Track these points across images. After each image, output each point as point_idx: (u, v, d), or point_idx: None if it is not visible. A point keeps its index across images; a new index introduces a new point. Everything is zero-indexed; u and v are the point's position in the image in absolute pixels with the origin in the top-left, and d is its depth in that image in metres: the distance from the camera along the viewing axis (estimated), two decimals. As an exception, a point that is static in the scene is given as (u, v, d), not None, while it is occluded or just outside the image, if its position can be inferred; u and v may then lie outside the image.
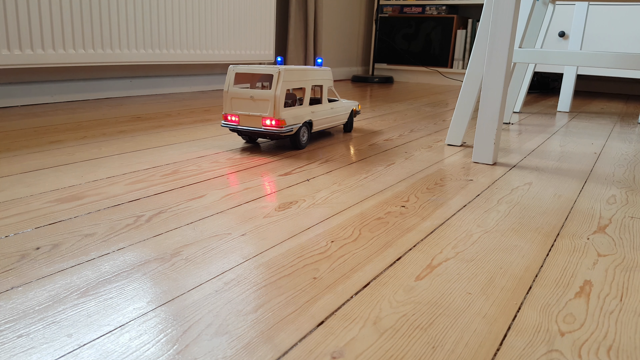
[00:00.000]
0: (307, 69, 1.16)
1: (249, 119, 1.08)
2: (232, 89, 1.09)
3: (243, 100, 1.08)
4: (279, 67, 1.08)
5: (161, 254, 0.59)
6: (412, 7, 3.16)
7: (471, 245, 0.65)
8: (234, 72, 1.10)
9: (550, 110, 2.10)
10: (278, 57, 1.24)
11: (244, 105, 1.08)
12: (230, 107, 1.10)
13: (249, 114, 1.08)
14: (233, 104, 1.09)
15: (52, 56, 1.52)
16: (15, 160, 0.96)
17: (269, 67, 1.08)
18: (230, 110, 1.11)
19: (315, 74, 1.20)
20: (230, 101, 1.10)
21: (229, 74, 1.11)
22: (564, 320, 0.48)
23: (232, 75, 1.10)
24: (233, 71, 1.10)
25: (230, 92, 1.10)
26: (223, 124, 1.12)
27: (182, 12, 1.90)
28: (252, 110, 1.08)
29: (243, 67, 1.10)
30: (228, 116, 1.11)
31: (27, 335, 0.42)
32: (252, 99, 1.07)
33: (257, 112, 1.07)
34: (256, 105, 1.07)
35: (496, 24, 1.04)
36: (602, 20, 2.53)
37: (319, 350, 0.42)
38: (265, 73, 1.09)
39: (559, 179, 1.00)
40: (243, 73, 1.13)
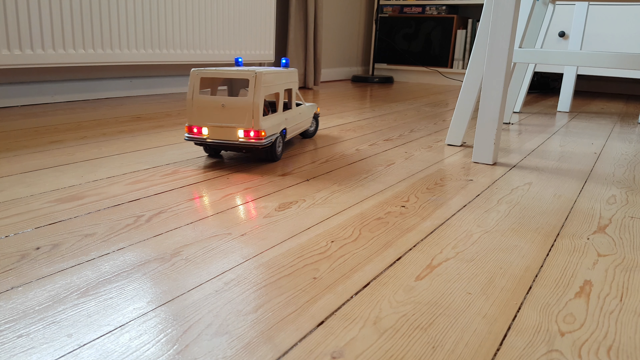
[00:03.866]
0: (280, 71, 1.05)
1: (221, 131, 0.94)
2: (199, 97, 0.95)
3: (212, 110, 0.94)
4: (255, 69, 0.96)
5: (161, 254, 0.59)
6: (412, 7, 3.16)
7: (471, 245, 0.65)
8: (199, 76, 0.95)
9: (550, 110, 2.10)
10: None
11: (213, 115, 0.94)
12: (196, 117, 0.95)
13: (221, 125, 0.94)
14: (200, 114, 0.95)
15: (52, 56, 1.52)
16: (16, 160, 0.96)
17: (241, 70, 0.95)
18: (197, 122, 0.95)
19: (287, 77, 1.09)
20: (196, 111, 0.94)
21: (192, 79, 0.95)
22: (564, 320, 0.48)
23: (196, 81, 0.95)
24: (197, 75, 0.95)
25: (196, 100, 0.95)
26: (187, 137, 0.96)
27: (182, 12, 1.90)
28: (224, 120, 0.93)
29: (210, 70, 0.95)
30: (193, 128, 0.95)
31: (27, 335, 0.42)
32: (223, 107, 0.93)
33: (231, 123, 0.93)
34: (229, 114, 0.93)
35: (496, 24, 1.04)
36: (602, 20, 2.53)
37: (319, 350, 0.42)
38: (239, 77, 0.95)
39: (559, 179, 1.00)
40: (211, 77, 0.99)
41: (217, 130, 0.95)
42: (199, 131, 0.95)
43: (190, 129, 0.96)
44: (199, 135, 0.96)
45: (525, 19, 1.49)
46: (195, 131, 0.95)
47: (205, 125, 0.94)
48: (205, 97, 0.94)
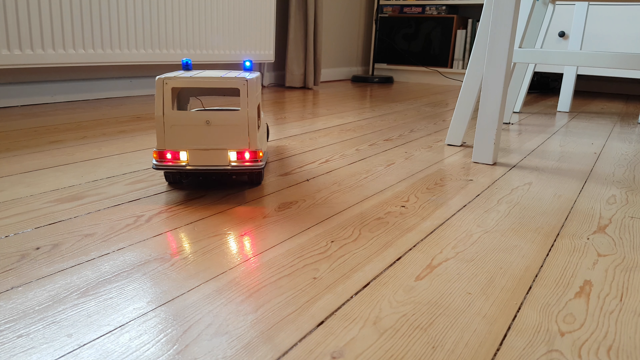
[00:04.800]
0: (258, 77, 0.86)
1: (205, 155, 0.76)
2: (173, 113, 0.75)
3: (193, 129, 0.75)
4: (245, 75, 0.78)
5: (161, 254, 0.59)
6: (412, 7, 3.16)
7: (471, 245, 0.65)
8: (168, 86, 0.75)
9: (550, 110, 2.10)
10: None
11: (194, 136, 0.75)
12: (170, 140, 0.75)
13: (206, 148, 0.76)
14: (176, 136, 0.75)
15: (52, 56, 1.52)
16: (15, 160, 0.96)
17: (226, 77, 0.77)
18: (172, 145, 0.75)
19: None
20: (171, 131, 0.75)
21: (160, 90, 0.75)
22: (564, 320, 0.48)
23: (166, 93, 0.75)
24: (167, 85, 0.75)
25: (169, 118, 0.75)
26: (156, 165, 0.76)
27: (181, 12, 1.90)
28: (210, 142, 0.76)
29: (182, 78, 0.75)
30: (166, 153, 0.75)
31: (27, 335, 0.42)
32: (208, 125, 0.75)
33: (220, 145, 0.76)
34: (216, 134, 0.76)
35: (496, 24, 1.04)
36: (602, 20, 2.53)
37: (319, 350, 0.42)
38: (223, 86, 0.77)
39: (559, 179, 1.00)
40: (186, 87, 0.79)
41: (200, 155, 0.76)
42: (175, 156, 0.76)
43: (162, 154, 0.75)
44: (174, 163, 0.76)
45: (525, 19, 1.49)
46: (170, 157, 0.76)
47: (184, 149, 0.75)
48: (182, 113, 0.75)
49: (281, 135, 1.31)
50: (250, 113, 0.76)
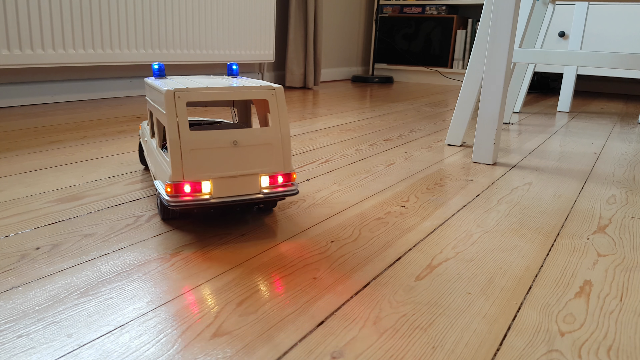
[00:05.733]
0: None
1: (233, 184, 0.62)
2: (191, 135, 0.60)
3: (216, 152, 0.61)
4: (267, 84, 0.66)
5: (161, 254, 0.59)
6: (412, 7, 3.16)
7: (471, 246, 0.65)
8: (183, 100, 0.60)
9: (550, 110, 2.10)
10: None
11: (219, 161, 0.62)
12: (190, 168, 0.60)
13: (233, 175, 0.62)
14: (197, 162, 0.61)
15: (52, 56, 1.52)
16: (15, 160, 0.96)
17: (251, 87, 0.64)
18: (193, 175, 0.61)
19: None
20: (190, 157, 0.60)
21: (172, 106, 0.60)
22: (564, 320, 0.48)
23: (180, 109, 0.60)
24: (179, 99, 0.60)
25: (188, 140, 0.60)
26: (173, 203, 0.60)
27: (181, 12, 1.90)
28: (238, 166, 0.63)
29: (198, 90, 0.61)
30: (184, 186, 0.60)
31: (27, 335, 0.42)
32: (236, 146, 0.62)
33: (251, 169, 0.63)
34: (245, 156, 0.63)
35: (496, 24, 1.04)
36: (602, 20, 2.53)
37: (319, 350, 0.42)
38: (248, 98, 0.64)
39: (559, 179, 1.00)
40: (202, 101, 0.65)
41: (226, 183, 0.62)
42: (196, 188, 0.61)
43: (179, 187, 0.60)
44: (194, 197, 0.61)
45: (525, 19, 1.49)
46: (189, 190, 0.60)
47: (207, 178, 0.61)
48: (202, 134, 0.61)
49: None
50: (283, 129, 0.65)
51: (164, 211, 0.67)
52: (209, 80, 0.70)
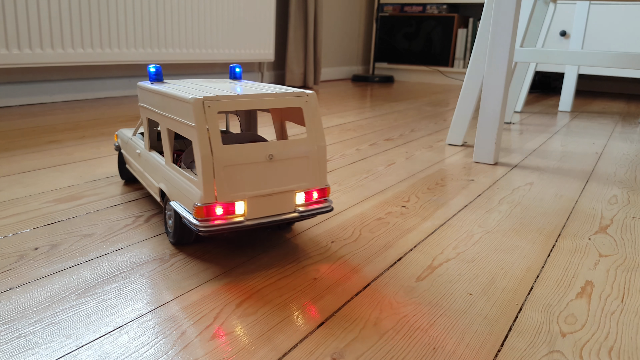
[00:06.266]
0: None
1: (268, 203, 0.56)
2: (224, 149, 0.54)
3: (251, 168, 0.55)
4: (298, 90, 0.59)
5: (160, 254, 0.58)
6: (412, 6, 3.16)
7: (472, 246, 0.65)
8: (214, 109, 0.53)
9: (552, 110, 2.09)
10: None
11: (254, 178, 0.55)
12: (223, 187, 0.54)
13: (269, 194, 0.56)
14: (229, 180, 0.54)
15: (51, 56, 1.52)
16: (14, 160, 0.96)
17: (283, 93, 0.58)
18: (226, 195, 0.54)
19: None
20: (224, 174, 0.54)
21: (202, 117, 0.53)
22: (565, 320, 0.48)
23: (211, 120, 0.53)
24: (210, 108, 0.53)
25: (221, 157, 0.53)
26: (203, 228, 0.53)
27: (181, 11, 1.90)
28: (273, 183, 0.56)
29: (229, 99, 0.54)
30: (216, 208, 0.54)
31: (25, 336, 0.42)
32: (271, 160, 0.56)
33: (287, 185, 0.57)
34: (281, 171, 0.57)
35: (497, 23, 1.04)
36: (604, 19, 2.52)
37: (319, 351, 0.42)
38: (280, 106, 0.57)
39: (560, 179, 1.00)
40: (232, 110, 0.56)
41: (261, 203, 0.56)
42: (229, 210, 0.54)
43: (210, 210, 0.53)
44: (227, 220, 0.54)
45: (527, 18, 1.49)
46: (221, 212, 0.54)
47: (241, 197, 0.55)
48: (236, 148, 0.54)
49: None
50: (320, 140, 0.59)
51: (180, 235, 0.59)
52: (222, 85, 0.64)
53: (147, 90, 0.66)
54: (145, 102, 0.68)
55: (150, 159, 0.67)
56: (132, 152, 0.76)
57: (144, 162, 0.70)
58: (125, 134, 0.82)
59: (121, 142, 0.83)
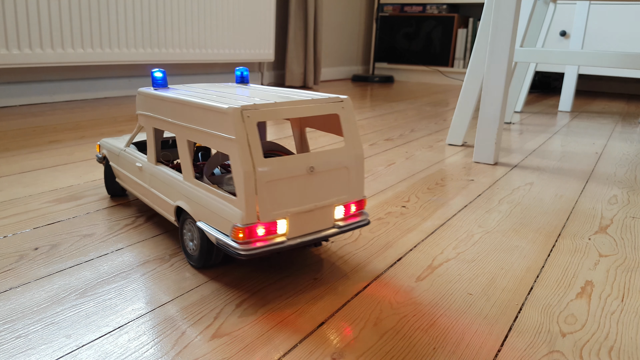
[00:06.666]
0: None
1: (308, 220, 0.52)
2: (266, 162, 0.49)
3: (293, 182, 0.50)
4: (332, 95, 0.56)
5: (160, 254, 0.58)
6: (412, 5, 3.16)
7: (472, 246, 0.65)
8: (253, 119, 0.49)
9: (552, 110, 2.09)
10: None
11: (295, 193, 0.51)
12: (265, 205, 0.49)
13: (310, 210, 0.52)
14: (271, 197, 0.49)
15: (51, 55, 1.52)
16: (14, 160, 0.96)
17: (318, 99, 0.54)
18: (268, 213, 0.49)
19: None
20: (266, 191, 0.49)
21: (242, 128, 0.48)
22: (565, 320, 0.48)
23: (251, 131, 0.48)
24: (249, 118, 0.48)
25: (264, 171, 0.48)
26: (244, 252, 0.48)
27: (180, 11, 1.90)
28: (313, 197, 0.52)
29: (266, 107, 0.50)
30: (258, 228, 0.49)
31: (25, 336, 0.42)
32: (312, 173, 0.52)
33: (324, 199, 0.53)
34: (320, 184, 0.53)
35: (497, 23, 1.04)
36: (604, 19, 2.52)
37: (320, 351, 0.42)
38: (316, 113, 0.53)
39: (560, 179, 1.00)
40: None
41: (301, 220, 0.52)
42: (270, 230, 0.50)
43: (252, 231, 0.49)
44: (269, 241, 0.50)
45: (527, 18, 1.49)
46: (262, 233, 0.49)
47: (283, 215, 0.50)
48: (277, 161, 0.49)
49: (280, 135, 1.31)
50: (357, 148, 0.55)
51: (207, 259, 0.54)
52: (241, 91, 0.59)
53: (154, 98, 0.60)
54: (151, 110, 0.61)
55: (160, 173, 0.60)
56: (129, 165, 0.68)
57: (148, 177, 0.63)
58: (112, 144, 0.74)
59: (108, 153, 0.75)
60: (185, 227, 0.57)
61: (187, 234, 0.56)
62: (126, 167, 0.69)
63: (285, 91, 0.60)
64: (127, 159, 0.69)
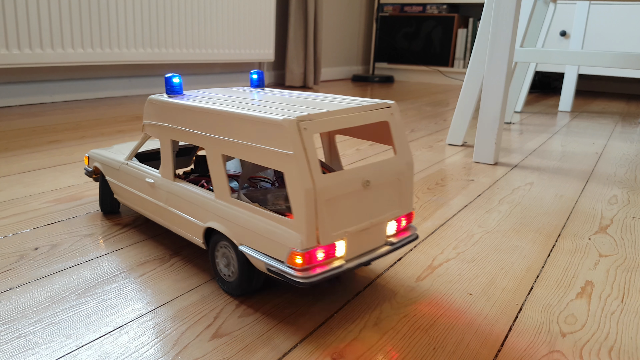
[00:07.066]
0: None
1: (364, 239, 0.48)
2: (324, 179, 0.44)
3: (349, 198, 0.46)
4: (380, 101, 0.52)
5: (160, 254, 0.58)
6: (412, 5, 3.16)
7: (472, 246, 0.65)
8: (311, 131, 0.44)
9: (552, 110, 2.09)
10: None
11: (351, 210, 0.47)
12: (326, 225, 0.44)
13: (366, 228, 0.48)
14: (331, 216, 0.45)
15: (51, 55, 1.52)
16: (14, 160, 0.96)
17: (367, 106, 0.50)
18: (328, 235, 0.45)
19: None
20: (326, 210, 0.44)
21: (299, 141, 0.43)
22: (565, 320, 0.48)
23: (309, 144, 0.43)
24: (306, 130, 0.44)
25: (323, 188, 0.44)
26: (303, 280, 0.43)
27: (181, 11, 1.90)
28: (368, 213, 0.48)
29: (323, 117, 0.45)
30: (318, 252, 0.44)
31: (25, 336, 0.42)
32: (368, 187, 0.48)
33: (378, 215, 0.49)
34: (374, 198, 0.49)
35: (497, 23, 1.04)
36: (604, 19, 2.52)
37: (320, 351, 0.42)
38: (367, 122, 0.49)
39: (560, 179, 1.00)
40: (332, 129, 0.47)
41: (357, 240, 0.48)
42: (330, 253, 0.46)
43: (312, 256, 0.44)
44: (328, 266, 0.45)
45: (527, 18, 1.49)
46: (322, 257, 0.45)
47: (342, 236, 0.46)
48: (335, 176, 0.45)
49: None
50: (408, 157, 0.52)
51: (247, 285, 0.49)
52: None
53: (176, 107, 0.53)
54: (170, 120, 0.55)
55: (181, 190, 0.54)
56: (135, 181, 0.61)
57: (165, 195, 0.57)
58: (106, 156, 0.67)
59: (104, 167, 0.67)
60: (218, 250, 0.51)
61: (221, 259, 0.51)
62: (131, 183, 0.62)
63: (318, 96, 0.56)
64: (131, 173, 0.62)
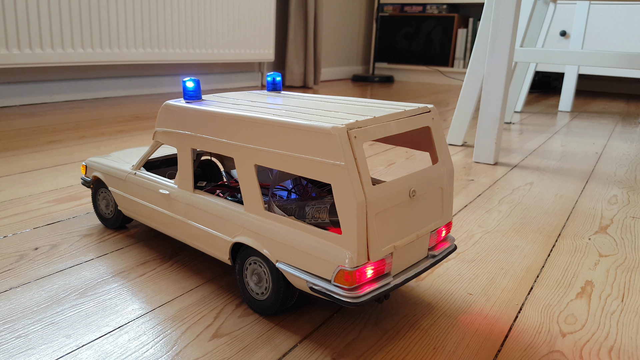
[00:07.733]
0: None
1: (409, 252, 0.46)
2: (374, 191, 0.41)
3: (397, 210, 0.44)
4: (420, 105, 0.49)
5: (160, 254, 0.58)
6: (412, 5, 3.16)
7: (472, 246, 0.65)
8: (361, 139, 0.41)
9: (552, 110, 2.09)
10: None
11: (399, 222, 0.44)
12: (376, 240, 0.41)
13: (412, 240, 0.46)
14: (380, 231, 0.42)
15: (51, 55, 1.52)
16: (14, 160, 0.96)
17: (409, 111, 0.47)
18: (379, 250, 0.42)
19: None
20: (376, 224, 0.41)
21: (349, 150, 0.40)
22: (565, 320, 0.48)
23: (359, 154, 0.41)
24: (357, 139, 0.41)
25: (375, 200, 0.41)
26: (356, 299, 0.40)
27: (181, 11, 1.90)
28: (414, 225, 0.46)
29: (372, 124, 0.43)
30: (367, 269, 0.41)
31: (25, 336, 0.42)
32: (414, 198, 0.45)
33: (423, 226, 0.47)
34: (419, 209, 0.46)
35: (497, 23, 1.04)
36: (604, 19, 2.52)
37: (320, 351, 0.42)
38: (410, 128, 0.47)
39: (560, 179, 1.00)
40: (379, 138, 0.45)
41: (403, 254, 0.45)
42: (379, 270, 0.43)
43: (362, 274, 0.41)
44: (377, 284, 0.42)
45: (527, 18, 1.49)
46: (371, 273, 0.42)
47: (390, 250, 0.43)
48: (383, 188, 0.42)
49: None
50: (448, 164, 0.49)
51: (282, 304, 0.46)
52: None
53: (201, 114, 0.50)
54: (191, 128, 0.51)
55: (204, 203, 0.51)
56: (146, 192, 0.57)
57: (183, 208, 0.53)
58: (109, 165, 0.63)
59: (106, 177, 0.63)
60: (247, 267, 0.47)
61: (252, 277, 0.47)
62: (141, 194, 0.58)
63: (351, 100, 0.53)
64: (141, 184, 0.58)
